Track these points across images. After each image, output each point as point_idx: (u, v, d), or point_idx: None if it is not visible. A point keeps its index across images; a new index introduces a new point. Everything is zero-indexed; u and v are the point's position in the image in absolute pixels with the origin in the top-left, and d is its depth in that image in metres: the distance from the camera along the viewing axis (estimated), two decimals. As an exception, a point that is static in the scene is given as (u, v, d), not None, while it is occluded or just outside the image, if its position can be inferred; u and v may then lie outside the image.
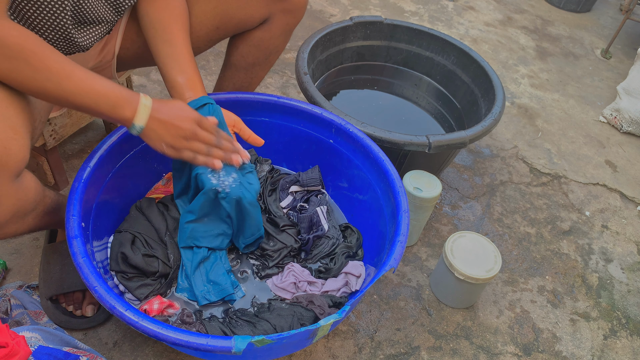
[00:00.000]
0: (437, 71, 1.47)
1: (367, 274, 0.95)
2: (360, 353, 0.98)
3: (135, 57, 0.98)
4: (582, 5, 2.39)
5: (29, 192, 0.73)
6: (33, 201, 0.75)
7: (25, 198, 0.72)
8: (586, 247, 1.30)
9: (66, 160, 1.23)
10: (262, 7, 0.97)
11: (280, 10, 0.99)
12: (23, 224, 0.77)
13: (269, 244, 0.99)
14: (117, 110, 0.73)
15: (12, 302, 0.90)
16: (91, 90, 0.70)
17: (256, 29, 1.02)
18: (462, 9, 2.26)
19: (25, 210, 0.74)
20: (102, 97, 0.71)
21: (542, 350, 1.06)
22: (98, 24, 0.85)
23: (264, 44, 1.04)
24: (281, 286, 0.94)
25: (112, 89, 0.72)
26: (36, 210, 0.77)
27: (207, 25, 0.97)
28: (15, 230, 0.76)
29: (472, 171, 1.45)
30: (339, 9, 2.07)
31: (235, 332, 0.84)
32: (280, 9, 0.99)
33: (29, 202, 0.73)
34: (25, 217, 0.75)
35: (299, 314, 0.87)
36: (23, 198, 0.71)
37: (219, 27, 0.98)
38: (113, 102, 0.72)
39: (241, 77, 1.11)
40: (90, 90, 0.70)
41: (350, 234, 1.04)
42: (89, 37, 0.85)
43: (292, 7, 1.00)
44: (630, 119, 1.67)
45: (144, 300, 0.87)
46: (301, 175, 1.11)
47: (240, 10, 0.96)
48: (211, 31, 0.98)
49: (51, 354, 0.67)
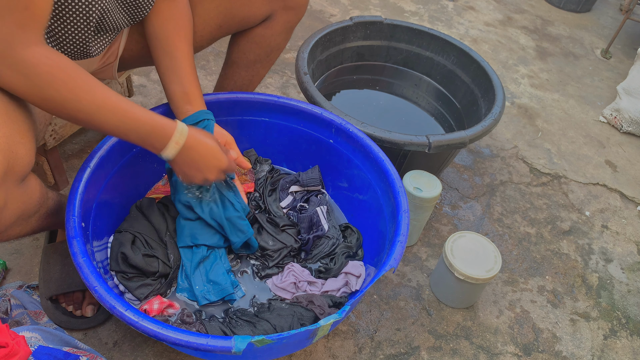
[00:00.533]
0: (437, 71, 1.47)
1: (367, 274, 0.95)
2: (360, 353, 0.98)
3: (137, 57, 0.99)
4: (582, 5, 2.39)
5: (34, 195, 0.73)
6: (37, 203, 0.75)
7: (29, 201, 0.72)
8: (586, 247, 1.30)
9: (66, 160, 1.23)
10: (264, 5, 0.98)
11: (281, 8, 1.00)
12: (26, 226, 0.77)
13: (268, 243, 0.99)
14: (148, 144, 0.76)
15: (12, 302, 0.90)
16: (121, 123, 0.71)
17: (258, 26, 1.03)
18: (462, 9, 2.26)
19: (29, 213, 0.74)
20: (132, 132, 0.73)
21: (542, 350, 1.06)
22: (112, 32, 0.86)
23: (265, 41, 1.05)
24: (281, 286, 0.94)
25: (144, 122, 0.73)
26: (39, 213, 0.77)
27: (210, 24, 0.97)
28: (19, 232, 0.76)
29: (472, 171, 1.45)
30: (339, 9, 2.07)
31: (235, 332, 0.84)
32: (282, 6, 1.00)
33: (33, 204, 0.74)
34: (29, 219, 0.75)
35: (299, 314, 0.87)
36: (27, 201, 0.72)
37: (221, 25, 0.99)
38: (144, 135, 0.74)
39: (242, 75, 1.11)
40: (120, 123, 0.71)
41: (350, 234, 1.04)
42: (100, 45, 0.86)
43: (293, 5, 1.00)
44: (630, 119, 1.67)
45: (144, 300, 0.87)
46: (301, 175, 1.11)
47: (243, 8, 0.97)
48: (214, 29, 0.99)
49: (51, 354, 0.67)
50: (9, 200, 0.66)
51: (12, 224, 0.70)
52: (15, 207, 0.68)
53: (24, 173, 0.67)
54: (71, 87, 0.66)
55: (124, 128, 0.72)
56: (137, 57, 0.99)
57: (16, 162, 0.64)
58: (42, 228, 0.83)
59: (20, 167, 0.65)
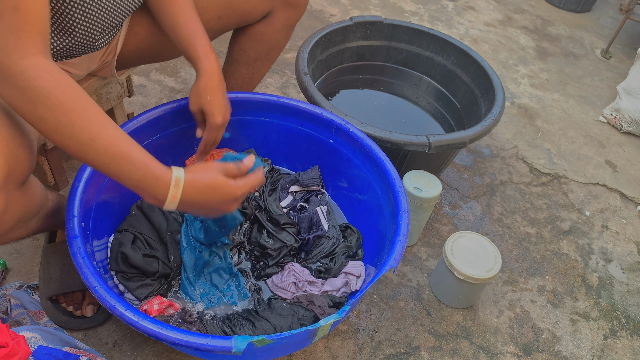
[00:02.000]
0: (437, 71, 1.47)
1: (367, 274, 0.95)
2: (360, 353, 0.98)
3: (137, 52, 0.98)
4: (582, 5, 2.39)
5: (34, 198, 0.73)
6: (37, 206, 0.75)
7: (30, 204, 0.72)
8: (586, 247, 1.30)
9: (66, 160, 1.23)
10: (265, 0, 0.98)
11: (282, 4, 1.00)
12: (26, 229, 0.76)
13: (269, 242, 0.99)
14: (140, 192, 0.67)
15: (12, 302, 0.90)
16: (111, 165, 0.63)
17: (258, 23, 1.03)
18: (462, 9, 2.26)
19: (30, 215, 0.74)
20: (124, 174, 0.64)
21: (542, 350, 1.06)
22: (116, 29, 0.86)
23: (265, 38, 1.05)
24: (281, 286, 0.94)
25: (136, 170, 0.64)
26: (39, 215, 0.77)
27: (209, 13, 0.97)
28: (19, 235, 0.76)
29: (472, 171, 1.45)
30: (339, 9, 2.07)
31: (236, 331, 0.84)
32: (283, 2, 1.00)
33: (33, 207, 0.73)
34: (29, 221, 0.75)
35: (299, 314, 0.87)
36: (28, 204, 0.71)
37: (221, 17, 0.99)
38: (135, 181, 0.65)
39: (243, 73, 1.11)
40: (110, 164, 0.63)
41: (350, 234, 1.04)
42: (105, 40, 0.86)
43: (294, 2, 1.01)
44: (630, 118, 1.67)
45: (143, 300, 0.87)
46: (301, 175, 1.11)
47: (244, 2, 0.97)
48: (213, 19, 0.98)
49: (51, 354, 0.67)
50: (10, 204, 0.65)
51: (13, 227, 0.70)
52: (16, 211, 0.68)
53: (24, 176, 0.66)
54: (66, 109, 0.60)
55: (115, 168, 0.63)
56: (136, 53, 0.99)
57: (17, 166, 0.63)
58: (42, 229, 0.82)
59: (21, 170, 0.65)
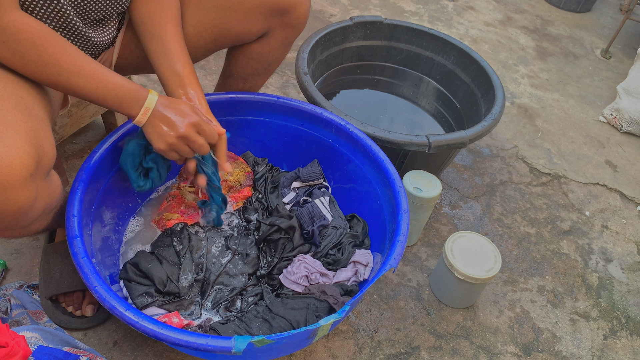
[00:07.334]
0: (437, 71, 1.47)
1: (375, 262, 0.94)
2: (360, 353, 0.98)
3: (132, 66, 0.98)
4: (582, 5, 2.39)
5: (57, 189, 0.74)
6: (58, 197, 0.76)
7: (54, 194, 0.73)
8: (586, 247, 1.30)
9: (66, 160, 1.23)
10: (260, 22, 0.95)
11: (279, 25, 0.97)
12: (45, 221, 0.77)
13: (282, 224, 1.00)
14: (123, 108, 0.78)
15: (12, 302, 0.90)
16: (98, 88, 0.74)
17: (255, 43, 1.00)
18: (462, 9, 2.26)
19: (52, 207, 0.74)
20: (110, 95, 0.76)
21: (542, 350, 1.06)
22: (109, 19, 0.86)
23: (262, 57, 1.03)
24: (293, 279, 0.93)
25: (119, 87, 0.76)
26: (56, 208, 0.78)
27: (204, 37, 0.96)
28: (38, 227, 0.76)
29: (472, 171, 1.45)
30: (339, 9, 2.07)
31: (252, 332, 0.83)
32: (280, 23, 0.96)
33: (56, 198, 0.74)
34: (50, 213, 0.76)
35: (312, 306, 0.86)
36: (52, 194, 0.72)
37: (216, 39, 0.97)
38: (119, 99, 0.76)
39: (240, 86, 1.10)
40: (97, 88, 0.74)
41: (356, 224, 1.04)
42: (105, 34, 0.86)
43: (292, 22, 0.97)
44: (630, 118, 1.67)
45: (145, 310, 0.86)
46: (300, 170, 1.10)
47: (239, 24, 0.94)
48: (209, 42, 0.97)
49: (51, 354, 0.67)
50: (40, 194, 0.67)
51: (38, 217, 0.71)
52: (42, 201, 0.69)
53: (49, 166, 0.68)
54: (51, 51, 0.69)
55: (102, 92, 0.75)
56: (132, 66, 0.98)
57: (44, 156, 0.65)
58: (53, 226, 0.82)
59: (47, 160, 0.66)
